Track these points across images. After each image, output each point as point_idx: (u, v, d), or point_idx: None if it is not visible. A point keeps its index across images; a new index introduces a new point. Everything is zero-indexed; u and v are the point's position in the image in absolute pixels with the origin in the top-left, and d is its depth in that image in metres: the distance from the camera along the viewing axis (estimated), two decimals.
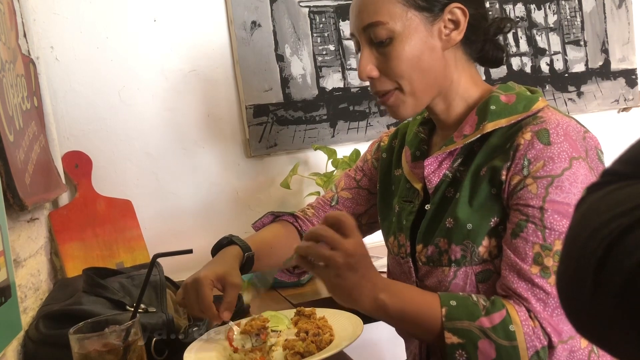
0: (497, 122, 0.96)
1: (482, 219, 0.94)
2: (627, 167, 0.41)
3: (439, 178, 1.01)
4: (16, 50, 1.31)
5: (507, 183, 0.92)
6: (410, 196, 1.08)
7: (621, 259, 0.34)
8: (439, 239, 0.98)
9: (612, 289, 0.34)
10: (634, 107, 2.27)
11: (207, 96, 1.77)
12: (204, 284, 0.98)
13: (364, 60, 0.99)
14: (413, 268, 1.04)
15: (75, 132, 1.65)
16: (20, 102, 1.24)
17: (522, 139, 0.91)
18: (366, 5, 0.99)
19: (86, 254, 1.55)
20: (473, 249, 0.94)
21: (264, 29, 1.80)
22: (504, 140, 0.95)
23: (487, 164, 0.95)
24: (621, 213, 0.36)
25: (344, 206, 1.24)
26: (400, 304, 0.88)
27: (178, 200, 1.75)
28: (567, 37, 2.15)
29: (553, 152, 0.89)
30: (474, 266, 0.94)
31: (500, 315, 0.85)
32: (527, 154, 0.90)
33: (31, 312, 1.18)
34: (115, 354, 0.86)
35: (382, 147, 1.23)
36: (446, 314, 0.87)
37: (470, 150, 1.00)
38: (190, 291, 1.00)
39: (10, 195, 1.02)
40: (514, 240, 0.90)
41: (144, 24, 1.70)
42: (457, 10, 0.98)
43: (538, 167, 0.89)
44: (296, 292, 1.48)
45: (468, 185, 0.96)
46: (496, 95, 0.99)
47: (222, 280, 1.02)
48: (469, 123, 0.99)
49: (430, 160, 1.02)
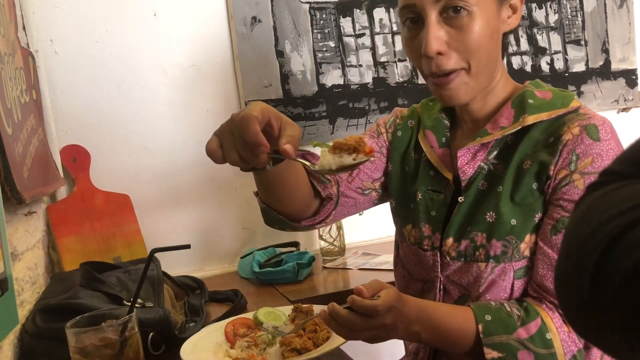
0: (539, 116, 0.94)
1: (526, 215, 0.93)
2: (626, 167, 0.41)
3: (474, 170, 0.99)
4: (15, 43, 1.31)
5: (553, 178, 0.91)
6: (438, 186, 1.04)
7: (620, 258, 0.34)
8: (476, 233, 0.96)
9: (611, 288, 0.34)
10: (634, 108, 2.26)
11: (206, 91, 1.77)
12: (251, 117, 0.75)
13: (433, 33, 0.90)
14: (439, 263, 1.01)
15: (74, 125, 1.65)
16: (19, 95, 1.24)
17: (570, 134, 0.90)
18: None
19: (84, 248, 1.55)
20: (516, 245, 0.93)
21: (264, 24, 1.80)
22: (547, 134, 0.94)
23: (531, 158, 0.93)
24: (620, 212, 0.36)
25: (364, 166, 1.11)
26: (433, 331, 0.88)
27: (176, 195, 1.74)
28: (568, 36, 2.15)
29: (602, 149, 0.88)
30: (514, 262, 0.93)
31: (536, 325, 0.86)
32: (576, 148, 0.89)
33: (28, 306, 1.18)
34: (111, 349, 0.86)
35: (397, 125, 1.16)
36: (483, 331, 0.87)
37: (505, 143, 0.98)
38: (237, 122, 0.76)
39: (8, 189, 1.02)
40: (554, 237, 0.89)
41: (143, 18, 1.70)
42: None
43: (586, 163, 0.88)
44: (294, 288, 1.48)
45: (511, 179, 0.94)
46: (531, 90, 0.98)
47: (279, 118, 0.80)
48: (504, 115, 0.97)
49: (463, 151, 0.99)
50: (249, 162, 0.77)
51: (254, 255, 1.63)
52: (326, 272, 1.64)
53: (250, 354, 0.99)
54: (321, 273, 1.63)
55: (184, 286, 1.40)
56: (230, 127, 0.77)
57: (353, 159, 0.77)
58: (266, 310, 1.13)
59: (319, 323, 1.02)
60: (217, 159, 0.79)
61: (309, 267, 1.58)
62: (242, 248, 1.78)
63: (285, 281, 1.53)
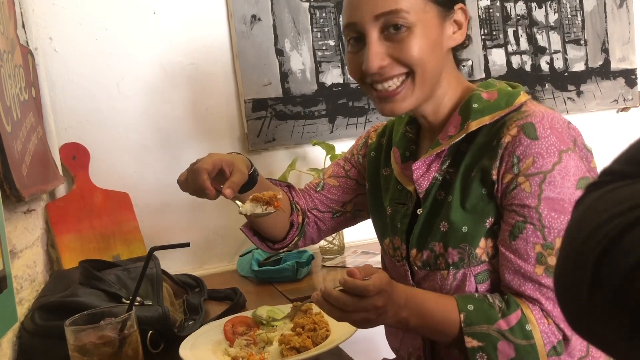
0: (481, 120, 0.95)
1: (477, 221, 0.94)
2: (625, 167, 0.41)
3: (429, 181, 1.00)
4: (14, 41, 1.31)
5: (499, 182, 0.91)
6: (403, 198, 1.07)
7: (619, 258, 0.34)
8: (433, 243, 0.98)
9: (610, 288, 0.34)
10: (633, 107, 2.27)
11: (205, 90, 1.77)
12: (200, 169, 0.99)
13: (374, 49, 0.94)
14: (409, 272, 1.04)
15: (73, 123, 1.64)
16: (18, 92, 1.24)
17: (508, 135, 0.90)
18: None
19: (83, 246, 1.55)
20: (470, 252, 0.94)
21: (264, 23, 1.79)
22: (489, 137, 0.94)
23: (477, 165, 0.94)
24: (620, 212, 0.36)
25: (329, 192, 1.23)
26: (420, 318, 0.89)
27: (175, 193, 1.73)
28: (568, 36, 2.15)
29: (541, 147, 0.88)
30: (472, 267, 0.94)
31: (516, 317, 0.87)
32: (515, 150, 0.89)
33: (27, 304, 1.18)
34: (110, 346, 0.86)
35: (371, 145, 1.21)
36: (464, 320, 0.88)
37: (457, 150, 0.99)
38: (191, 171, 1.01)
39: (7, 186, 1.02)
40: (513, 242, 0.89)
41: (143, 16, 1.70)
42: (461, 11, 0.99)
43: (528, 164, 0.88)
44: (293, 287, 1.48)
45: (459, 187, 0.96)
46: (477, 93, 0.98)
47: (231, 165, 1.02)
48: (452, 124, 0.98)
49: (418, 164, 1.01)
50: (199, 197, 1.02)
51: (253, 254, 1.63)
52: (325, 270, 1.64)
53: (249, 352, 1.00)
54: (320, 272, 1.63)
55: (183, 284, 1.40)
56: (188, 172, 1.02)
57: (262, 210, 0.99)
58: (265, 308, 1.13)
59: (317, 322, 1.02)
60: (181, 188, 1.05)
61: (308, 266, 1.58)
62: (241, 246, 1.78)
63: (285, 280, 1.53)
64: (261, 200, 0.99)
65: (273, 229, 1.18)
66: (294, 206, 1.21)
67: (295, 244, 1.24)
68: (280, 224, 1.19)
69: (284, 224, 1.19)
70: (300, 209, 1.22)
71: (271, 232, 1.19)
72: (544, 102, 2.11)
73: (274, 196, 0.99)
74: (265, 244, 1.21)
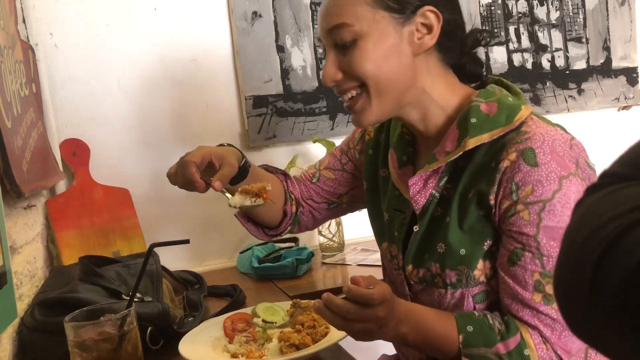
0: (479, 138, 0.91)
1: (475, 243, 0.92)
2: (626, 169, 0.41)
3: (426, 198, 0.97)
4: (15, 36, 1.30)
5: (496, 207, 0.89)
6: (400, 205, 1.05)
7: (619, 259, 0.34)
8: (430, 263, 0.96)
9: (610, 290, 0.34)
10: (634, 106, 2.26)
11: (206, 86, 1.76)
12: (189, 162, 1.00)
13: (328, 64, 0.96)
14: (405, 282, 1.03)
15: (74, 119, 1.64)
16: (19, 88, 1.24)
17: (507, 160, 0.87)
18: (332, 7, 0.95)
19: (83, 242, 1.55)
20: (468, 274, 0.93)
21: (265, 19, 1.79)
22: (488, 158, 0.91)
23: (474, 186, 0.91)
24: (620, 214, 0.36)
25: (325, 184, 1.21)
26: (419, 334, 0.88)
27: (176, 190, 1.73)
28: (569, 34, 2.14)
29: (541, 175, 0.85)
30: (470, 288, 0.94)
31: (515, 341, 0.86)
32: (514, 177, 0.86)
33: (27, 299, 1.18)
34: (110, 343, 0.86)
35: (368, 142, 1.17)
36: (463, 341, 0.88)
37: (455, 166, 0.95)
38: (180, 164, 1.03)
39: (8, 182, 1.02)
40: (512, 268, 0.88)
41: (144, 12, 1.69)
42: (430, 13, 0.92)
43: (527, 192, 0.85)
44: (292, 284, 1.49)
45: (457, 209, 0.93)
46: (476, 105, 0.93)
47: (221, 158, 1.03)
48: (450, 138, 0.94)
49: (414, 179, 0.97)
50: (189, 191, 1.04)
51: (253, 251, 1.64)
52: (325, 267, 1.64)
53: (249, 349, 1.00)
54: (320, 269, 1.63)
55: (183, 281, 1.40)
56: (177, 165, 1.03)
57: (252, 202, 1.00)
58: (265, 305, 1.13)
59: (317, 319, 1.02)
60: (170, 181, 1.06)
61: (308, 263, 1.58)
62: (241, 243, 1.78)
63: (284, 276, 1.53)
64: (250, 193, 0.99)
65: (266, 218, 1.18)
66: (288, 195, 1.19)
67: (291, 231, 1.24)
68: (273, 213, 1.18)
69: (277, 213, 1.19)
70: (294, 199, 1.20)
71: (264, 220, 1.19)
72: (545, 100, 2.11)
73: (262, 188, 1.00)
74: (260, 230, 1.20)
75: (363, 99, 0.95)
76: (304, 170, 1.27)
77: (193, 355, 0.96)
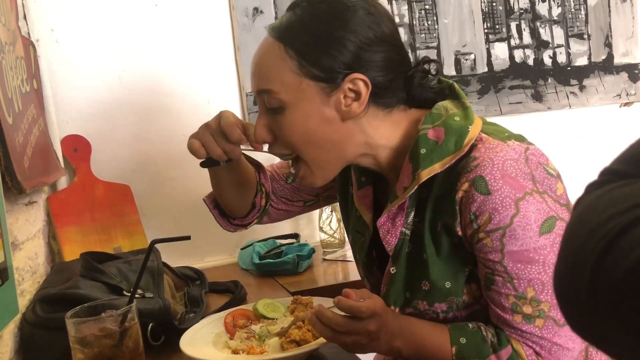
0: (431, 169, 0.87)
1: (458, 273, 0.91)
2: (626, 166, 0.41)
3: (397, 238, 0.94)
4: (16, 32, 1.30)
5: (465, 237, 0.88)
6: (360, 227, 1.04)
7: (619, 257, 0.34)
8: (416, 302, 0.94)
9: (609, 287, 0.34)
10: (636, 102, 2.26)
11: (207, 82, 1.76)
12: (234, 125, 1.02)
13: (259, 126, 0.95)
14: None
15: (75, 115, 1.64)
16: (20, 84, 1.24)
17: (461, 191, 0.86)
18: (259, 69, 0.94)
19: (84, 238, 1.55)
20: (458, 301, 0.93)
21: (266, 15, 1.79)
22: (445, 189, 0.89)
23: (439, 219, 0.90)
24: (619, 212, 0.36)
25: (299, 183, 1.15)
26: (413, 348, 0.89)
27: (177, 186, 1.74)
28: (571, 30, 2.14)
29: (496, 202, 0.83)
30: (461, 310, 0.94)
31: (507, 353, 0.87)
32: (471, 207, 0.85)
33: (28, 295, 1.18)
34: (111, 339, 0.87)
35: None
36: (456, 353, 0.88)
37: (419, 198, 0.92)
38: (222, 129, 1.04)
39: (9, 178, 1.02)
40: (489, 292, 0.88)
41: (145, 8, 1.69)
42: (358, 81, 0.89)
43: (485, 220, 0.84)
44: (293, 280, 1.49)
45: (430, 243, 0.91)
46: (423, 134, 0.89)
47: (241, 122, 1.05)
48: (405, 173, 0.91)
49: (382, 220, 0.94)
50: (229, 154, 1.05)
51: (254, 247, 1.64)
52: (326, 264, 1.64)
53: (250, 345, 1.00)
54: (321, 265, 1.63)
55: (184, 277, 1.41)
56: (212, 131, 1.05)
57: None
58: (266, 301, 1.13)
59: None
60: (200, 155, 1.06)
61: (309, 259, 1.58)
62: (242, 239, 1.78)
63: (285, 273, 1.53)
64: None
65: (235, 205, 1.17)
66: (259, 187, 1.17)
67: (259, 223, 1.23)
68: (245, 201, 1.17)
69: (246, 203, 1.17)
70: (265, 192, 1.18)
71: (232, 208, 1.17)
72: (547, 96, 2.10)
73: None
74: (224, 219, 1.19)
75: (303, 166, 0.95)
76: (275, 165, 1.24)
77: (194, 351, 0.97)
